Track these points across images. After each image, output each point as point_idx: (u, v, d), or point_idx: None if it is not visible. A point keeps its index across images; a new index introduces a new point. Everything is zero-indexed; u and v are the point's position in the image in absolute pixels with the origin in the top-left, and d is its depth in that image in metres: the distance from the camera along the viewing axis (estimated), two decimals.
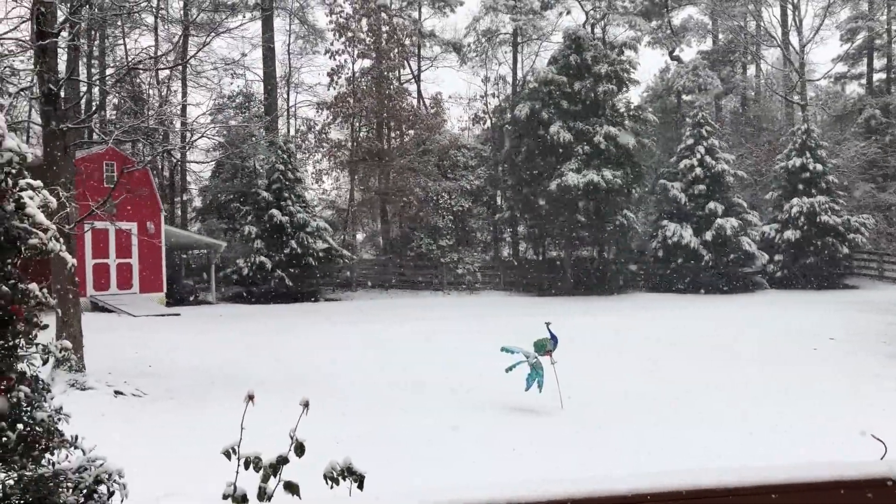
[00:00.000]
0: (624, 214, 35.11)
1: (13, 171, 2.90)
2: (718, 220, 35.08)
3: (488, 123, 43.78)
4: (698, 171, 36.18)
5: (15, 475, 3.40)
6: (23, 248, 3.01)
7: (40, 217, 3.07)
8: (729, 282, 35.24)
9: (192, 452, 8.36)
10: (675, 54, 47.57)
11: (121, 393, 12.42)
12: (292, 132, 41.65)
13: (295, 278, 32.14)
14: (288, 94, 42.32)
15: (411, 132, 39.99)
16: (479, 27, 43.62)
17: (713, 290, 34.54)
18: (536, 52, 45.20)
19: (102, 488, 3.41)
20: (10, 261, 3.00)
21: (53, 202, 3.18)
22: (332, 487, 3.43)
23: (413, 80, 43.63)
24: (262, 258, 31.54)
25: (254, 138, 32.48)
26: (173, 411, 11.31)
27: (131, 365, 14.41)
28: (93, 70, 32.71)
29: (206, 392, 12.63)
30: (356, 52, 38.52)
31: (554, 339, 12.18)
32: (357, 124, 39.53)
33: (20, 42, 16.95)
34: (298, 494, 3.16)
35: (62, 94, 13.56)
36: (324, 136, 39.28)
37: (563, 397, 11.53)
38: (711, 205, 35.67)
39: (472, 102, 44.42)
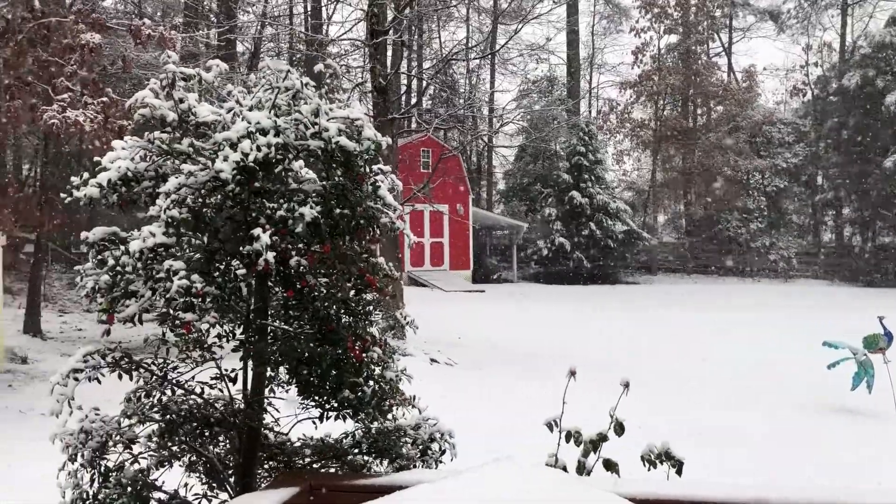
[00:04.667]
0: None
1: (370, 157, 3.27)
2: None
3: (809, 95, 39.91)
4: None
5: (363, 427, 3.86)
6: (376, 226, 3.38)
7: (390, 198, 3.42)
8: None
9: (502, 419, 8.82)
10: None
11: (435, 361, 13.47)
12: (594, 113, 41.60)
13: (593, 260, 32.20)
14: (590, 76, 42.30)
15: (720, 108, 37.85)
16: None
17: None
18: (870, 13, 40.10)
19: (435, 446, 3.74)
20: (366, 237, 3.40)
21: (400, 185, 3.52)
22: (649, 470, 3.42)
23: (723, 53, 41.18)
24: (562, 239, 32.02)
25: (556, 121, 32.99)
26: (481, 381, 12.00)
27: (443, 336, 15.48)
28: (412, 63, 35.48)
29: (509, 365, 13.22)
30: (662, 28, 37.30)
31: (888, 335, 10.86)
32: (661, 102, 38.34)
33: (354, 41, 18.95)
34: (618, 472, 3.19)
35: (390, 87, 14.92)
36: (626, 115, 38.69)
37: None
38: None
39: (791, 73, 40.81)
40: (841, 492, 2.67)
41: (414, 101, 26.79)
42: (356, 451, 3.87)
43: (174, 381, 3.55)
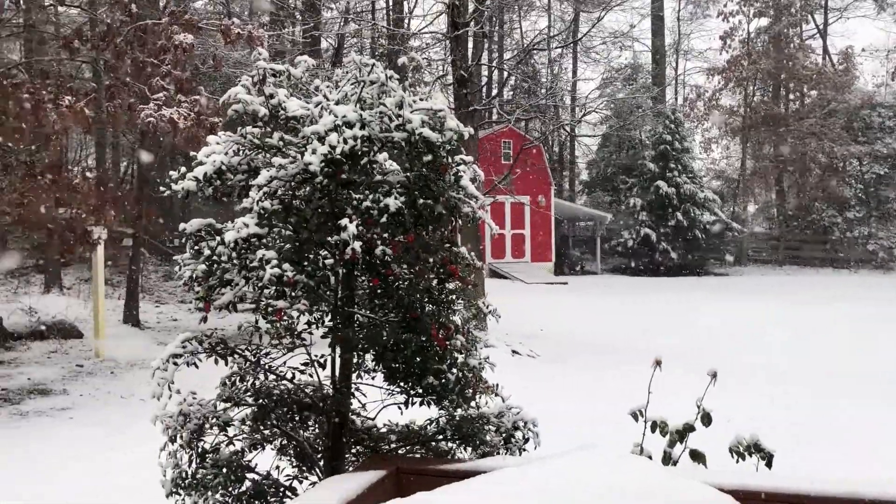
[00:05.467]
0: None
1: (452, 147, 3.31)
2: None
3: None
4: None
5: (447, 414, 3.92)
6: (458, 216, 3.42)
7: (472, 189, 3.46)
8: None
9: (584, 411, 8.77)
10: None
11: (517, 353, 13.46)
12: (680, 101, 40.59)
13: (680, 251, 31.47)
14: (676, 62, 41.27)
15: (814, 93, 36.32)
16: None
17: None
18: None
19: (518, 434, 3.76)
20: (448, 227, 3.44)
21: (482, 175, 3.55)
22: (737, 461, 3.35)
23: (818, 35, 39.47)
24: (647, 230, 31.42)
25: (640, 110, 32.36)
26: (563, 372, 11.93)
27: (525, 328, 15.44)
28: (493, 55, 35.39)
29: (592, 357, 13.10)
30: (752, 11, 36.03)
31: None
32: (751, 88, 37.07)
33: (435, 34, 19.06)
34: (704, 463, 3.15)
35: (471, 79, 14.95)
36: (714, 102, 37.58)
37: None
38: None
39: (892, 54, 38.75)
40: None
41: (495, 92, 26.75)
42: (440, 437, 3.93)
43: (267, 367, 3.69)
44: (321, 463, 3.95)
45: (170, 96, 9.64)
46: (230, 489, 3.64)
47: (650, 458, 3.24)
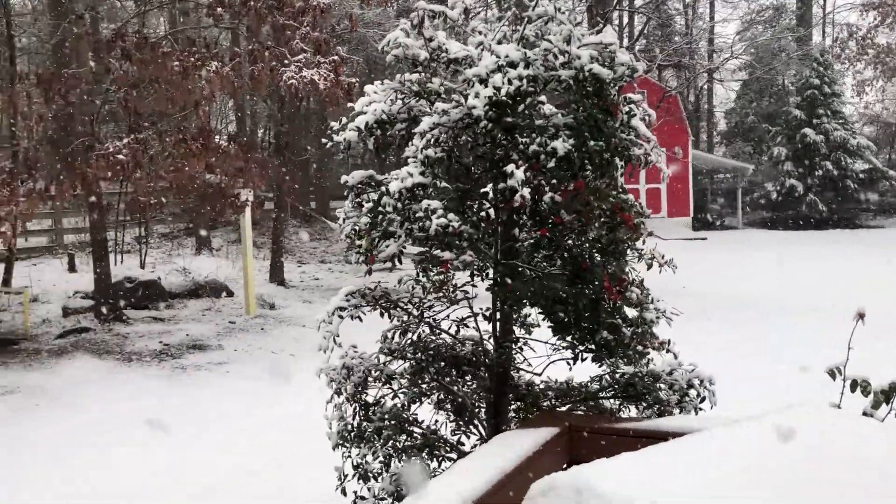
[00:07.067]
0: None
1: (623, 85, 3.07)
2: None
3: None
4: None
5: (609, 370, 3.73)
6: (630, 160, 3.19)
7: (643, 129, 3.21)
8: None
9: (738, 369, 8.32)
10: None
11: (660, 310, 13.03)
12: (828, 42, 37.64)
13: (829, 203, 29.44)
14: (824, 0, 38.23)
15: None
16: None
17: None
18: None
19: (693, 392, 3.53)
20: (617, 171, 3.22)
21: (653, 115, 3.29)
22: None
23: None
24: (793, 181, 29.55)
25: (784, 53, 30.30)
26: (709, 330, 11.41)
27: (666, 285, 14.77)
28: (623, 3, 33.97)
29: (737, 314, 12.53)
30: None
31: None
32: None
33: None
34: None
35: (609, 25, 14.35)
36: (868, 41, 34.57)
37: None
38: None
39: None
40: None
41: (627, 41, 25.74)
42: (604, 394, 3.75)
43: (431, 320, 3.62)
44: (481, 416, 3.87)
45: (309, 58, 9.76)
46: (395, 442, 3.62)
47: None
